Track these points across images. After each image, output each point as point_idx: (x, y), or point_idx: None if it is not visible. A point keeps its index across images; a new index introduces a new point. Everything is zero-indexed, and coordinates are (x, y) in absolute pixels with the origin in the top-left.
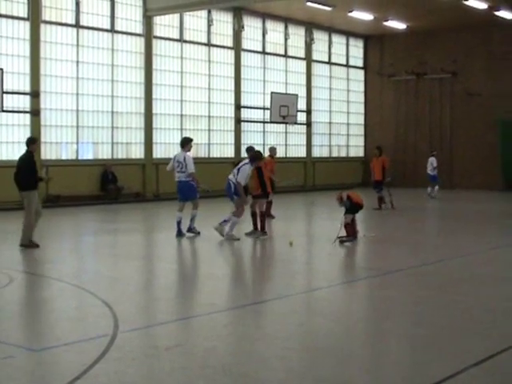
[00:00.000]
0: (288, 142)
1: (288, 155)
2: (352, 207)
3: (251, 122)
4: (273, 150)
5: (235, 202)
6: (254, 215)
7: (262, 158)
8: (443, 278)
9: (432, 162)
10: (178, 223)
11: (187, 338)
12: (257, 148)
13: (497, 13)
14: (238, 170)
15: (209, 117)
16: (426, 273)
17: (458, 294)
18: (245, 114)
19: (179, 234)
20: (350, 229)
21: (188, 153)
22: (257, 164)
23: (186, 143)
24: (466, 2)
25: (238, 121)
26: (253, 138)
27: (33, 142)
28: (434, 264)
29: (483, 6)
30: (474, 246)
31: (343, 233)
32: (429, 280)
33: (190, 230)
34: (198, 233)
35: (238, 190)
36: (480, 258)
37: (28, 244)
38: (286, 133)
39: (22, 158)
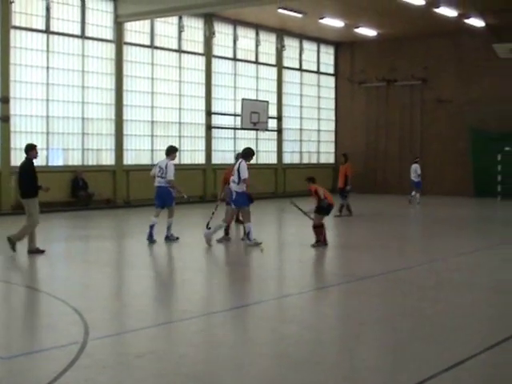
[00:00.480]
0: (259, 149)
1: (259, 162)
2: (327, 208)
3: (222, 128)
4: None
5: (244, 209)
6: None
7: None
8: (413, 284)
9: (416, 168)
10: (151, 227)
11: (159, 345)
12: (228, 155)
13: (467, 20)
14: (237, 171)
15: (179, 123)
16: (396, 279)
17: (428, 300)
18: (216, 120)
19: (150, 238)
20: (321, 232)
21: (171, 161)
22: (250, 160)
23: (170, 152)
24: (436, 10)
25: (209, 127)
26: (224, 144)
27: (31, 149)
28: (405, 270)
29: (453, 13)
30: (444, 252)
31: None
32: (399, 286)
33: (167, 238)
34: (177, 238)
35: (246, 191)
36: (449, 263)
37: (13, 243)
38: (256, 139)
39: (21, 166)
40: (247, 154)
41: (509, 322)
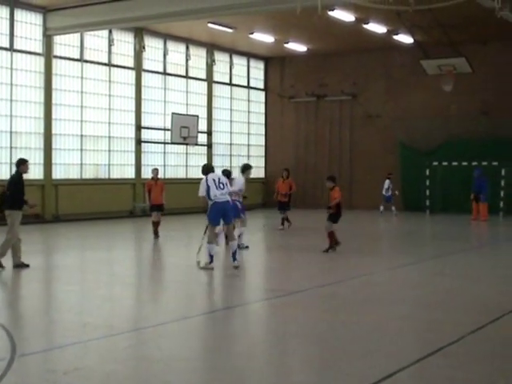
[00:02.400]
0: (189, 163)
1: (189, 176)
2: (338, 215)
3: (152, 142)
4: (154, 171)
5: (230, 225)
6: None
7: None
8: (341, 299)
9: (388, 183)
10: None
11: (86, 362)
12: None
13: (395, 37)
14: (223, 183)
15: (109, 137)
16: (325, 294)
17: (356, 315)
18: (145, 134)
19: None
20: (333, 237)
21: (241, 177)
22: (248, 175)
23: (245, 169)
24: (365, 26)
25: (139, 141)
26: (153, 158)
27: (22, 163)
28: (333, 285)
29: (382, 29)
30: (372, 267)
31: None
32: (328, 301)
33: (239, 247)
34: (246, 247)
35: (239, 204)
36: (377, 278)
37: None
38: (186, 154)
39: (11, 178)
40: (247, 167)
41: (434, 336)
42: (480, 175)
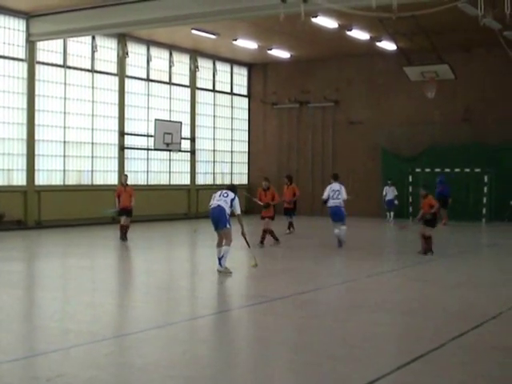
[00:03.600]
0: (172, 170)
1: (172, 183)
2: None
3: (135, 149)
4: (124, 177)
5: (226, 230)
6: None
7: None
8: (323, 306)
9: (393, 190)
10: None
11: (68, 368)
12: (140, 175)
13: (378, 43)
14: (231, 200)
15: (92, 143)
16: (307, 300)
17: (339, 321)
18: (129, 140)
19: None
20: (431, 241)
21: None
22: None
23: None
24: (348, 33)
25: (122, 148)
26: (137, 165)
27: None
28: (316, 291)
29: (366, 36)
30: (352, 274)
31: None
32: (309, 307)
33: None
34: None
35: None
36: (360, 284)
37: None
38: (169, 160)
39: None
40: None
41: (416, 343)
42: (441, 181)
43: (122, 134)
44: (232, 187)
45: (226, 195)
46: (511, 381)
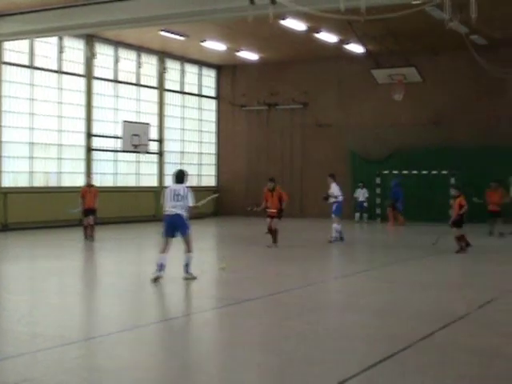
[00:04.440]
0: (140, 171)
1: (140, 184)
2: (461, 221)
3: (102, 150)
4: (88, 178)
5: (188, 237)
6: (271, 231)
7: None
8: (293, 307)
9: (362, 193)
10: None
11: (36, 373)
12: (107, 177)
13: (346, 46)
14: (180, 195)
15: (59, 145)
16: (277, 302)
17: (307, 323)
18: (96, 142)
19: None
20: (464, 240)
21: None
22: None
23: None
24: (317, 35)
25: (89, 149)
26: (104, 167)
27: None
28: (285, 292)
29: (334, 39)
30: (321, 275)
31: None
32: (280, 309)
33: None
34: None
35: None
36: (328, 286)
37: None
38: (137, 162)
39: None
40: (184, 175)
41: (386, 344)
42: (396, 185)
43: (89, 135)
44: (181, 175)
45: (179, 198)
46: (479, 380)
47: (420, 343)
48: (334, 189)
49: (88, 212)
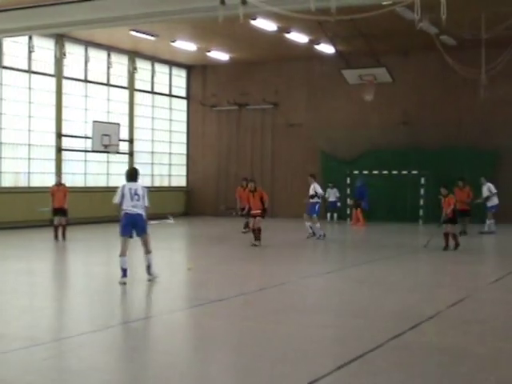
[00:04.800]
0: (110, 172)
1: (110, 185)
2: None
3: (73, 150)
4: (58, 177)
5: (147, 237)
6: (254, 230)
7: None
8: (262, 307)
9: (333, 192)
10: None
11: (4, 374)
12: (78, 177)
13: (317, 46)
14: (139, 195)
15: (29, 145)
16: (245, 302)
17: (277, 323)
18: (66, 142)
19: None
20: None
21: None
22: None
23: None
24: (287, 35)
25: (59, 149)
26: (74, 167)
27: None
28: (254, 293)
29: (304, 39)
30: (291, 275)
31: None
32: (249, 309)
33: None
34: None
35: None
36: (297, 286)
37: None
38: (108, 162)
39: None
40: (136, 173)
41: (354, 344)
42: (362, 184)
43: (59, 135)
44: (135, 173)
45: (138, 198)
46: (448, 379)
47: (389, 343)
48: (318, 188)
49: (58, 211)
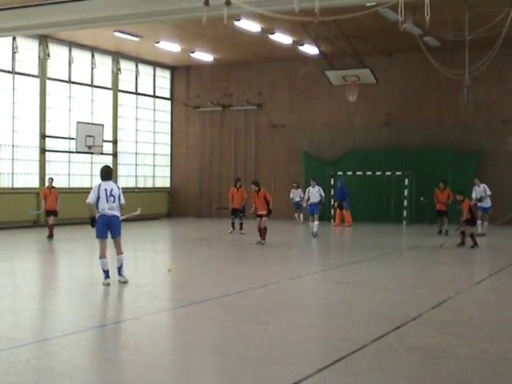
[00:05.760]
0: (94, 173)
1: (94, 186)
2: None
3: (56, 151)
4: (49, 180)
5: (120, 238)
6: (260, 230)
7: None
8: (245, 308)
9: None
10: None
11: None
12: (61, 178)
13: (301, 47)
14: (114, 196)
15: (13, 146)
16: (229, 303)
17: (261, 323)
18: (50, 143)
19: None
20: (474, 238)
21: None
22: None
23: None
24: (271, 36)
25: (43, 150)
26: (58, 168)
27: None
28: (238, 294)
29: (288, 40)
30: (274, 276)
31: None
32: (232, 310)
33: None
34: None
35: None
36: (281, 287)
37: None
38: (92, 163)
39: None
40: (111, 172)
41: (338, 345)
42: (343, 185)
43: (43, 136)
44: (109, 172)
45: (113, 199)
46: (431, 380)
47: (373, 344)
48: (321, 191)
49: (49, 213)
